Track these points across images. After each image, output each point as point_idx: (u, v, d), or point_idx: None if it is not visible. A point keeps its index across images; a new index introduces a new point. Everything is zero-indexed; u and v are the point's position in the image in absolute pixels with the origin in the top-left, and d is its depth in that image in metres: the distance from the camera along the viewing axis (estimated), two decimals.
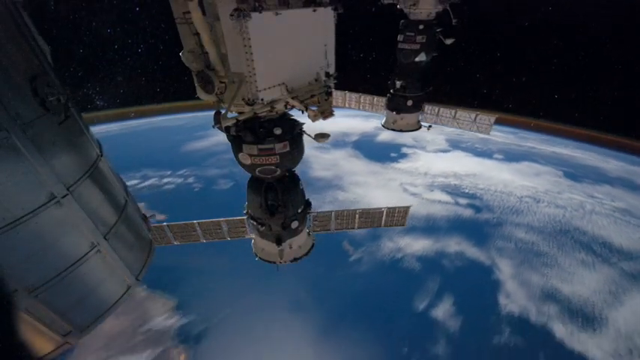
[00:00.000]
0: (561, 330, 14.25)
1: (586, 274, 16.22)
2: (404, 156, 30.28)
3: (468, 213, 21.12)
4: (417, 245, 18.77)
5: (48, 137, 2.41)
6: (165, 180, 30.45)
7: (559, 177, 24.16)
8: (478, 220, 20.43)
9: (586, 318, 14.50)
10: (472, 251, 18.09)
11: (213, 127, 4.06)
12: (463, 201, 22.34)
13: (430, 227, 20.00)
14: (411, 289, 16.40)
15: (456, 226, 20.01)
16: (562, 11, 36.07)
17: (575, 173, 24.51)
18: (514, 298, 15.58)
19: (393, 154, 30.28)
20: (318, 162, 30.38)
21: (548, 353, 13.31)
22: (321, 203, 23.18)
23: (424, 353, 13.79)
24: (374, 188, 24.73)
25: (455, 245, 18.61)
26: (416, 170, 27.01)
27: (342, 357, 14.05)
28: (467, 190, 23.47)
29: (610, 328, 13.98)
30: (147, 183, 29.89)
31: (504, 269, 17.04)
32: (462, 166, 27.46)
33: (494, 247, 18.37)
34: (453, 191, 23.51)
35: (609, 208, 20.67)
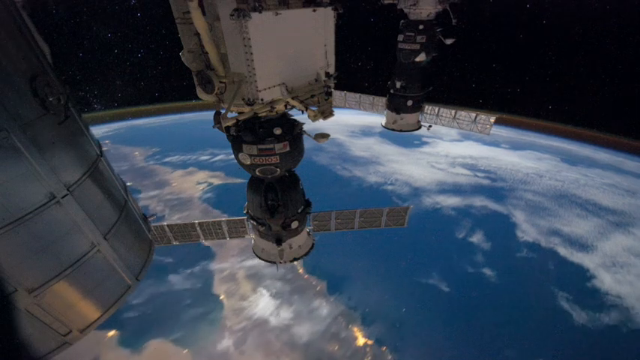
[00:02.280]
0: (563, 251, 20.82)
1: (581, 222, 22.67)
2: (425, 143, 36.27)
3: (485, 182, 27.85)
4: (450, 201, 25.60)
5: (48, 137, 2.41)
6: (232, 156, 36.02)
7: (557, 162, 30.77)
8: (495, 187, 27.18)
9: (581, 245, 20.88)
10: (493, 205, 24.96)
11: (214, 127, 4.06)
12: (480, 174, 29.04)
13: (457, 190, 26.88)
14: (451, 226, 23.29)
15: (478, 190, 26.92)
16: (561, 11, 36.19)
17: (570, 160, 31.15)
18: (528, 233, 22.06)
19: (416, 142, 36.49)
20: (354, 145, 36.44)
21: (554, 263, 20.05)
22: (366, 174, 30.02)
23: (469, 260, 20.70)
24: (407, 164, 31.38)
25: (479, 201, 25.49)
26: (438, 153, 33.60)
27: (411, 262, 21.01)
28: (482, 167, 30.26)
29: (599, 252, 20.26)
30: (217, 158, 34.27)
31: (519, 216, 23.55)
32: (475, 151, 33.57)
33: (509, 203, 24.90)
34: (472, 168, 30.47)
35: (599, 182, 26.99)
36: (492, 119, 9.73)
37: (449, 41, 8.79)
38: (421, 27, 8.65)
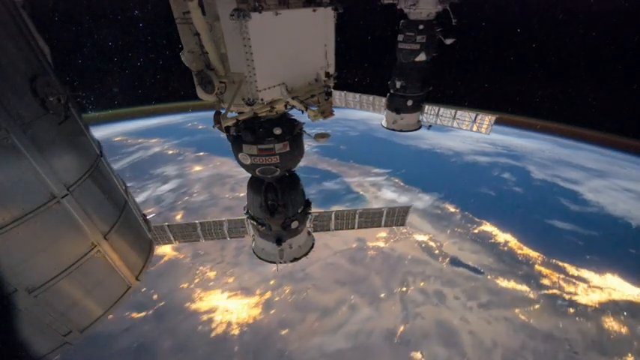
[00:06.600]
0: (562, 183, 33.20)
1: (573, 172, 35.17)
2: (451, 130, 40.69)
3: (504, 151, 40.20)
4: (482, 159, 38.55)
5: (48, 137, 2.41)
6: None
7: (554, 146, 41.87)
8: (510, 154, 39.48)
9: (574, 181, 33.37)
10: (512, 162, 37.65)
11: (214, 127, 4.06)
12: (499, 147, 41.17)
13: (486, 154, 39.59)
14: (487, 170, 36.37)
15: (500, 154, 39.51)
16: (560, 11, 36.38)
17: (564, 146, 41.97)
18: (538, 175, 34.80)
19: (443, 130, 45.80)
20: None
21: (557, 188, 32.48)
22: (417, 144, 42.03)
23: (504, 183, 33.72)
24: (444, 140, 42.39)
25: (502, 160, 38.24)
26: (463, 135, 43.01)
27: (467, 181, 34.23)
28: (499, 144, 41.82)
29: (586, 185, 32.77)
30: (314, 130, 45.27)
31: (531, 167, 36.31)
32: (489, 136, 37.61)
33: (523, 162, 37.42)
34: (492, 143, 41.70)
35: (586, 158, 38.43)
36: (492, 119, 9.73)
37: (449, 41, 8.79)
38: (421, 27, 8.65)
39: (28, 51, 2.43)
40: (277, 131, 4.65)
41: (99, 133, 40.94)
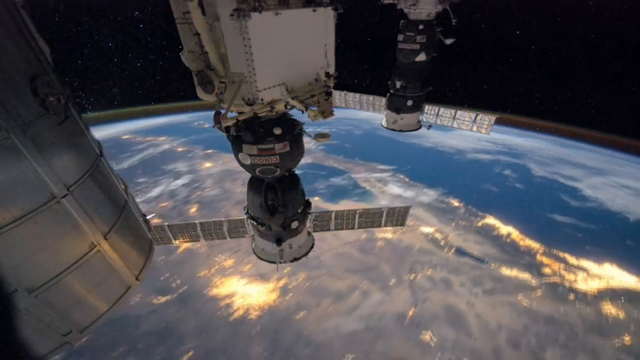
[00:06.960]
0: (562, 180, 34.15)
1: (572, 170, 36.09)
2: (454, 129, 42.55)
3: (504, 150, 41.58)
4: (483, 157, 39.80)
5: (48, 137, 2.41)
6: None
7: (555, 146, 42.96)
8: (511, 152, 40.80)
9: (574, 179, 34.26)
10: (513, 160, 38.83)
11: (214, 127, 4.06)
12: (500, 146, 42.51)
13: (487, 152, 40.86)
14: (489, 167, 37.59)
15: (501, 152, 40.71)
16: (560, 11, 36.42)
17: (565, 145, 42.97)
18: (538, 172, 36.01)
19: (444, 129, 48.94)
20: None
21: (557, 184, 33.67)
22: (420, 142, 43.35)
23: (505, 180, 34.95)
24: (446, 139, 43.82)
25: (503, 157, 39.33)
26: (465, 134, 43.46)
27: (470, 179, 35.52)
28: (500, 142, 43.21)
29: (585, 182, 33.53)
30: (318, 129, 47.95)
31: (531, 165, 37.45)
32: (491, 135, 40.21)
33: (524, 160, 38.47)
34: (493, 142, 43.11)
35: (585, 157, 39.61)
36: (492, 119, 9.73)
37: (449, 41, 8.79)
38: (421, 27, 8.64)
39: (28, 51, 2.42)
40: (277, 131, 4.64)
41: (104, 132, 41.25)
